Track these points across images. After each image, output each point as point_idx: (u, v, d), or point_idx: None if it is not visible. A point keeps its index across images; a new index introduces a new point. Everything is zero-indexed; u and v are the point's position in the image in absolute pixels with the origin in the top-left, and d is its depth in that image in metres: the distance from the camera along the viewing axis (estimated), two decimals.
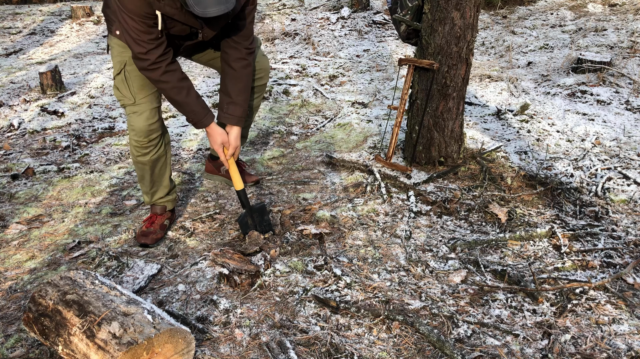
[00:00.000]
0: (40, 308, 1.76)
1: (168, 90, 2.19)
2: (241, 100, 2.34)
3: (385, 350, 1.84)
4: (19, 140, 4.19)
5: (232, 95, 2.32)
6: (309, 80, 5.35)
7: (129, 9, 2.00)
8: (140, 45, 2.06)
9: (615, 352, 1.82)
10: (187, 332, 1.68)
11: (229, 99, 2.33)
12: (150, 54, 2.09)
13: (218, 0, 1.83)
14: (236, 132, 2.37)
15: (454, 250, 2.46)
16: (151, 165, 2.47)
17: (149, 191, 2.58)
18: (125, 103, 2.36)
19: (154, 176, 2.52)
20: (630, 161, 3.24)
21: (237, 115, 2.34)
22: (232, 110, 2.34)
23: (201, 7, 1.83)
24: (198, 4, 1.82)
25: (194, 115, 2.26)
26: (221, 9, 1.85)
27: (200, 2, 1.82)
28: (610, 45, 5.25)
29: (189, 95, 2.22)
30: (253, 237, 2.41)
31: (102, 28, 7.95)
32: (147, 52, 2.08)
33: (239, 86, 2.32)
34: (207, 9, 1.83)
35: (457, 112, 3.10)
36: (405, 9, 3.05)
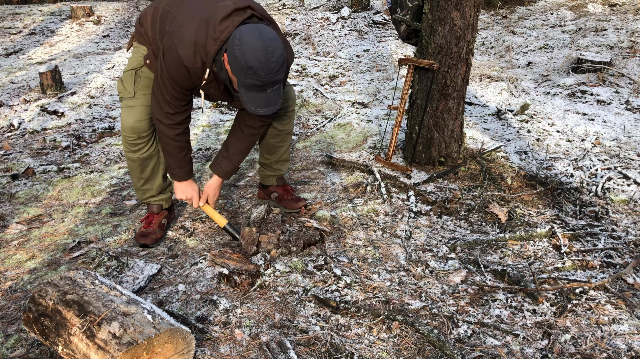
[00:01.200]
0: (40, 308, 1.76)
1: (173, 148, 2.32)
2: (236, 159, 2.48)
3: (385, 350, 1.84)
4: (19, 140, 4.19)
5: (230, 152, 2.46)
6: (309, 80, 5.35)
7: (174, 78, 2.09)
8: (171, 106, 2.19)
9: (615, 352, 1.82)
10: (187, 332, 1.68)
11: (226, 154, 2.47)
12: (177, 116, 2.22)
13: (268, 102, 1.99)
14: (215, 182, 2.51)
15: (454, 250, 2.46)
16: (140, 162, 2.48)
17: (139, 187, 2.60)
18: (124, 96, 2.40)
19: (144, 174, 2.53)
20: (630, 161, 3.24)
21: (226, 170, 2.49)
22: (224, 165, 2.47)
23: (253, 106, 1.99)
24: (251, 103, 1.98)
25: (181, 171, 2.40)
26: (270, 110, 2.01)
27: (253, 102, 1.97)
28: (610, 45, 5.25)
29: (186, 155, 2.38)
30: (247, 235, 2.41)
31: (102, 28, 7.96)
32: (174, 114, 2.21)
33: (240, 147, 2.45)
34: (258, 109, 2.00)
35: (457, 112, 3.10)
36: (405, 9, 3.04)
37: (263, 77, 1.88)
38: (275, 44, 1.88)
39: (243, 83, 1.93)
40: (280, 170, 2.82)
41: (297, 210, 2.80)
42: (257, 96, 1.96)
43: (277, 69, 1.89)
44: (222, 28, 1.95)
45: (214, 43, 1.97)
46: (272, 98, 1.98)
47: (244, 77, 1.90)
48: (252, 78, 1.88)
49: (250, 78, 1.89)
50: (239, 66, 1.88)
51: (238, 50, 1.86)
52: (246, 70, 1.87)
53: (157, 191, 2.61)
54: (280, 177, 2.87)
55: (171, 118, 2.21)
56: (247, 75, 1.88)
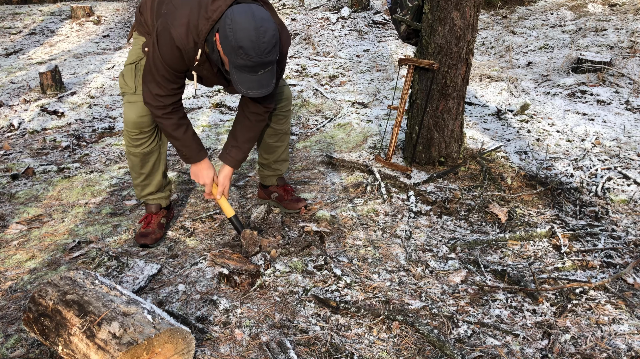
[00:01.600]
0: (40, 308, 1.76)
1: (168, 126, 2.26)
2: (245, 148, 2.44)
3: (385, 350, 1.84)
4: (19, 140, 4.19)
5: (238, 140, 2.42)
6: (309, 80, 5.35)
7: (166, 60, 2.07)
8: (161, 88, 2.15)
9: (615, 352, 1.82)
10: (187, 332, 1.68)
11: (235, 143, 2.43)
12: (166, 99, 2.18)
13: (260, 84, 1.95)
14: (227, 172, 2.46)
15: (454, 250, 2.46)
16: (142, 157, 2.48)
17: (139, 183, 2.59)
18: (125, 91, 2.40)
19: (144, 169, 2.53)
20: (630, 161, 3.24)
21: (237, 159, 2.44)
22: (234, 154, 2.43)
23: (244, 88, 1.95)
24: (242, 84, 1.94)
25: (189, 150, 2.34)
26: (262, 92, 1.97)
27: (244, 83, 1.94)
28: (610, 45, 5.25)
29: (186, 132, 2.30)
30: (248, 237, 2.41)
31: (102, 28, 7.96)
32: (164, 96, 2.17)
33: (249, 135, 2.42)
34: (250, 91, 1.96)
35: (457, 112, 3.10)
36: (405, 9, 3.04)
37: (254, 57, 1.86)
38: (267, 24, 1.87)
39: (234, 64, 1.91)
40: (279, 170, 2.82)
41: (297, 211, 2.80)
42: (249, 77, 1.93)
43: (269, 50, 1.87)
44: (215, 7, 1.94)
45: (206, 22, 1.96)
46: (264, 80, 1.95)
47: (235, 57, 1.88)
48: (243, 58, 1.86)
49: (242, 59, 1.87)
50: (230, 46, 1.86)
51: (229, 30, 1.85)
52: (237, 50, 1.85)
53: (156, 188, 2.61)
54: (281, 177, 2.87)
55: (160, 100, 2.17)
56: (238, 55, 1.86)
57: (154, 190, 2.61)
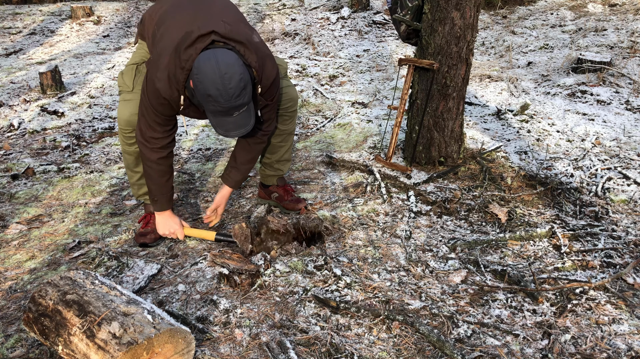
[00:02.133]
0: (40, 308, 1.76)
1: (155, 172, 2.32)
2: (244, 169, 2.51)
3: (385, 350, 1.84)
4: (19, 140, 4.19)
5: (237, 162, 2.49)
6: (309, 80, 5.35)
7: (155, 107, 2.14)
8: (155, 131, 2.23)
9: (615, 352, 1.82)
10: (187, 332, 1.68)
11: (234, 164, 2.50)
12: (161, 141, 2.25)
13: (237, 125, 2.01)
14: (225, 192, 2.55)
15: (454, 250, 2.46)
16: (136, 156, 2.50)
17: (134, 182, 2.61)
18: (122, 89, 2.44)
19: (139, 167, 2.54)
20: (630, 161, 3.24)
21: (236, 179, 2.53)
22: (233, 175, 2.52)
23: (223, 130, 2.02)
24: (220, 127, 2.01)
25: (162, 197, 2.41)
26: (241, 132, 2.04)
27: (222, 126, 2.01)
28: (610, 45, 5.25)
29: (168, 181, 2.39)
30: (238, 232, 2.42)
31: (102, 28, 7.96)
32: (158, 138, 2.24)
33: (247, 157, 2.48)
34: (228, 132, 2.03)
35: (457, 112, 3.10)
36: (405, 9, 3.04)
37: (223, 103, 1.91)
38: (232, 69, 1.89)
39: (208, 110, 1.98)
40: (281, 170, 2.82)
41: (297, 211, 2.80)
42: (225, 120, 1.99)
43: (237, 94, 1.91)
44: (187, 57, 1.98)
45: (182, 72, 2.00)
46: (240, 120, 2.00)
47: (207, 104, 1.95)
48: (214, 105, 1.92)
49: (212, 105, 1.93)
50: (200, 94, 1.93)
51: (197, 80, 1.91)
52: (207, 98, 1.92)
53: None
54: (281, 177, 2.87)
55: (155, 142, 2.24)
56: (208, 102, 1.93)
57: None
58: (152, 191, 2.40)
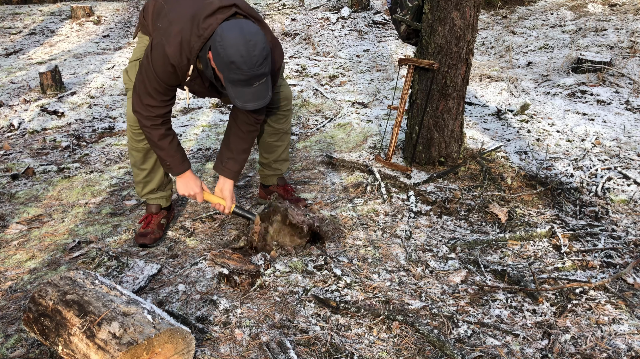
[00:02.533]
0: (40, 308, 1.76)
1: (154, 136, 2.28)
2: (241, 159, 2.45)
3: (385, 350, 1.84)
4: (19, 140, 4.19)
5: (234, 152, 2.43)
6: (309, 80, 5.35)
7: (159, 74, 2.10)
8: (153, 99, 2.18)
9: (615, 352, 1.82)
10: (187, 332, 1.68)
11: (230, 154, 2.44)
12: (157, 109, 2.20)
13: (256, 96, 1.98)
14: (230, 185, 2.47)
15: (454, 250, 2.46)
16: (145, 152, 2.49)
17: (140, 180, 2.59)
18: (129, 86, 2.43)
19: (146, 164, 2.53)
20: (630, 161, 3.24)
21: (234, 170, 2.46)
22: (231, 166, 2.44)
23: (241, 101, 1.99)
24: (239, 98, 1.97)
25: (173, 161, 2.35)
26: (259, 104, 2.01)
27: (241, 96, 1.97)
28: (610, 45, 5.25)
29: (172, 142, 2.32)
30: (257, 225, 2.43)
31: (102, 28, 7.96)
32: (155, 106, 2.19)
33: (243, 146, 2.43)
34: (247, 104, 2.00)
35: (457, 112, 3.10)
36: (405, 9, 3.05)
37: (246, 71, 1.89)
38: (257, 37, 1.90)
39: (228, 79, 1.95)
40: (279, 169, 2.82)
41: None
42: (244, 91, 1.97)
43: (260, 62, 1.90)
44: (206, 25, 1.97)
45: (198, 40, 1.99)
46: (259, 92, 1.99)
47: (229, 73, 1.92)
48: (236, 73, 1.90)
49: (235, 74, 1.91)
50: (223, 62, 1.90)
51: (220, 47, 1.89)
52: (229, 66, 1.89)
53: (157, 185, 2.61)
54: (281, 177, 2.87)
55: (151, 110, 2.20)
56: (231, 70, 1.90)
57: (155, 188, 2.61)
58: (162, 159, 2.36)
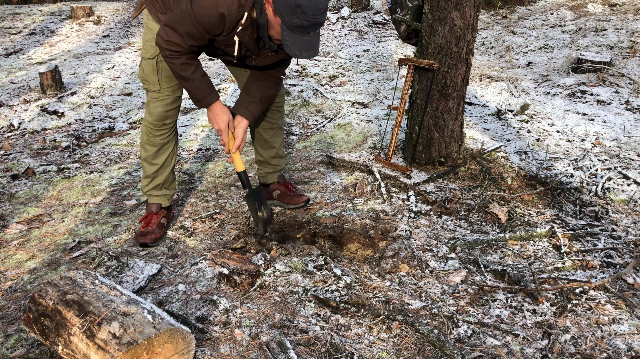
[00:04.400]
0: (40, 308, 1.76)
1: (176, 65, 2.19)
2: (262, 105, 2.48)
3: (385, 350, 1.84)
4: (19, 140, 4.19)
5: (257, 97, 2.43)
6: (309, 80, 5.35)
7: (200, 20, 2.03)
8: (181, 40, 2.09)
9: (615, 352, 1.82)
10: (187, 332, 1.68)
11: (253, 99, 2.43)
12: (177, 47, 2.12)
13: (310, 46, 1.98)
14: (245, 125, 2.44)
15: (454, 250, 2.46)
16: (158, 147, 2.52)
17: (149, 174, 2.58)
18: (149, 88, 2.43)
19: (158, 159, 2.55)
20: (630, 161, 3.24)
21: (254, 113, 2.46)
22: (252, 108, 2.43)
23: (295, 49, 1.97)
24: (293, 45, 1.96)
25: (199, 91, 2.27)
26: (310, 54, 2.00)
27: (296, 44, 1.95)
28: (610, 45, 5.25)
29: (195, 72, 2.22)
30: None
31: (102, 28, 7.96)
32: (178, 45, 2.10)
33: (269, 93, 2.47)
34: (300, 52, 1.98)
35: (457, 112, 3.10)
36: (405, 9, 3.05)
37: (311, 16, 1.88)
38: None
39: (289, 24, 1.92)
40: (278, 165, 2.84)
41: (300, 205, 2.82)
42: (301, 39, 1.95)
43: (323, 10, 1.91)
44: None
45: None
46: (313, 42, 1.98)
47: (292, 17, 1.89)
48: (300, 17, 1.88)
49: (298, 18, 1.88)
50: (288, 4, 1.87)
51: None
52: (294, 9, 1.87)
53: (163, 181, 2.62)
54: (281, 175, 2.88)
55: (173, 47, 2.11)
56: (295, 14, 1.88)
57: (161, 184, 2.62)
58: (187, 89, 2.28)
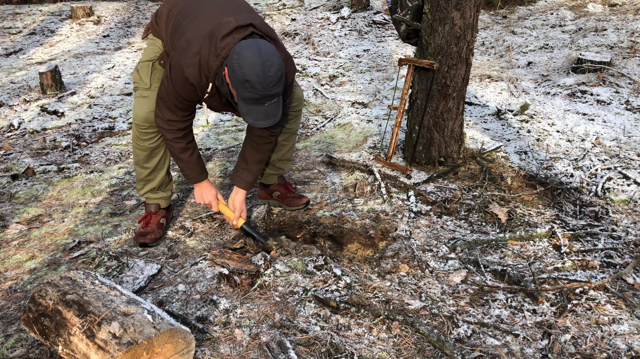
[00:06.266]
0: (40, 308, 1.76)
1: (176, 149, 2.37)
2: (255, 170, 2.51)
3: (385, 350, 1.84)
4: (19, 140, 4.19)
5: (248, 163, 2.50)
6: (309, 80, 5.35)
7: (179, 92, 2.17)
8: (174, 115, 2.26)
9: (615, 352, 1.82)
10: (187, 332, 1.68)
11: (245, 166, 2.51)
12: (178, 124, 2.29)
13: (267, 115, 2.03)
14: (241, 196, 2.53)
15: (454, 250, 2.46)
16: (149, 152, 2.52)
17: (142, 178, 2.61)
18: (139, 86, 2.46)
19: (150, 163, 2.55)
20: (630, 161, 3.24)
21: (248, 181, 2.52)
22: (245, 176, 2.50)
23: (252, 119, 2.04)
24: (250, 115, 2.02)
25: (192, 172, 2.45)
26: (269, 123, 2.05)
27: (251, 114, 2.02)
28: (610, 45, 5.25)
29: (192, 155, 2.41)
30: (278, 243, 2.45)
31: (102, 28, 7.96)
32: (176, 121, 2.28)
33: (257, 158, 2.49)
34: (257, 121, 2.04)
35: (457, 112, 3.10)
36: (405, 9, 3.04)
37: (260, 90, 1.93)
38: (273, 58, 1.94)
39: (241, 97, 1.99)
40: (282, 169, 2.83)
41: (301, 207, 2.81)
42: (256, 109, 2.01)
43: (274, 83, 1.94)
44: (223, 45, 2.02)
45: (216, 59, 2.04)
46: (270, 111, 2.03)
47: (242, 91, 1.96)
48: (250, 91, 1.94)
49: (248, 92, 1.95)
50: (237, 80, 1.94)
51: (237, 65, 1.92)
52: (244, 84, 1.93)
53: (158, 184, 2.62)
54: (282, 175, 2.88)
55: (172, 125, 2.28)
56: (244, 88, 1.94)
57: (156, 187, 2.62)
58: (181, 168, 2.45)
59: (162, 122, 2.29)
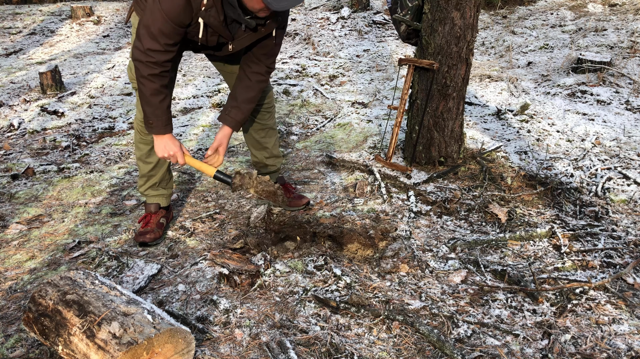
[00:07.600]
0: (40, 308, 1.76)
1: (148, 90, 2.16)
2: (245, 109, 2.41)
3: (385, 350, 1.84)
4: (19, 140, 4.19)
5: (238, 100, 2.39)
6: (309, 80, 5.35)
7: (167, 10, 1.99)
8: (156, 42, 2.05)
9: (615, 352, 1.82)
10: (187, 332, 1.68)
11: (235, 103, 2.40)
12: (158, 55, 2.08)
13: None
14: (226, 131, 2.42)
15: (454, 250, 2.46)
16: (152, 147, 2.49)
17: (145, 174, 2.59)
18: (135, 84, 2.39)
19: (151, 158, 2.54)
20: (630, 161, 3.24)
21: (237, 119, 2.41)
22: (234, 114, 2.40)
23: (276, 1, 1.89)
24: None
25: (157, 120, 2.24)
26: (290, 4, 1.91)
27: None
28: (610, 45, 5.25)
29: (163, 101, 2.20)
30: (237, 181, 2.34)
31: (102, 28, 7.96)
32: (156, 51, 2.07)
33: (249, 95, 2.40)
34: (280, 2, 1.89)
35: (457, 112, 3.11)
36: (405, 9, 3.05)
37: None
38: None
39: None
40: (274, 166, 2.82)
41: (301, 207, 2.81)
42: None
43: None
44: None
45: None
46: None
47: None
48: None
49: None
50: None
51: None
52: None
53: (159, 180, 2.61)
54: (281, 176, 2.88)
55: (152, 55, 2.06)
56: None
57: (157, 182, 2.61)
58: (146, 114, 2.22)
59: (139, 53, 2.07)
